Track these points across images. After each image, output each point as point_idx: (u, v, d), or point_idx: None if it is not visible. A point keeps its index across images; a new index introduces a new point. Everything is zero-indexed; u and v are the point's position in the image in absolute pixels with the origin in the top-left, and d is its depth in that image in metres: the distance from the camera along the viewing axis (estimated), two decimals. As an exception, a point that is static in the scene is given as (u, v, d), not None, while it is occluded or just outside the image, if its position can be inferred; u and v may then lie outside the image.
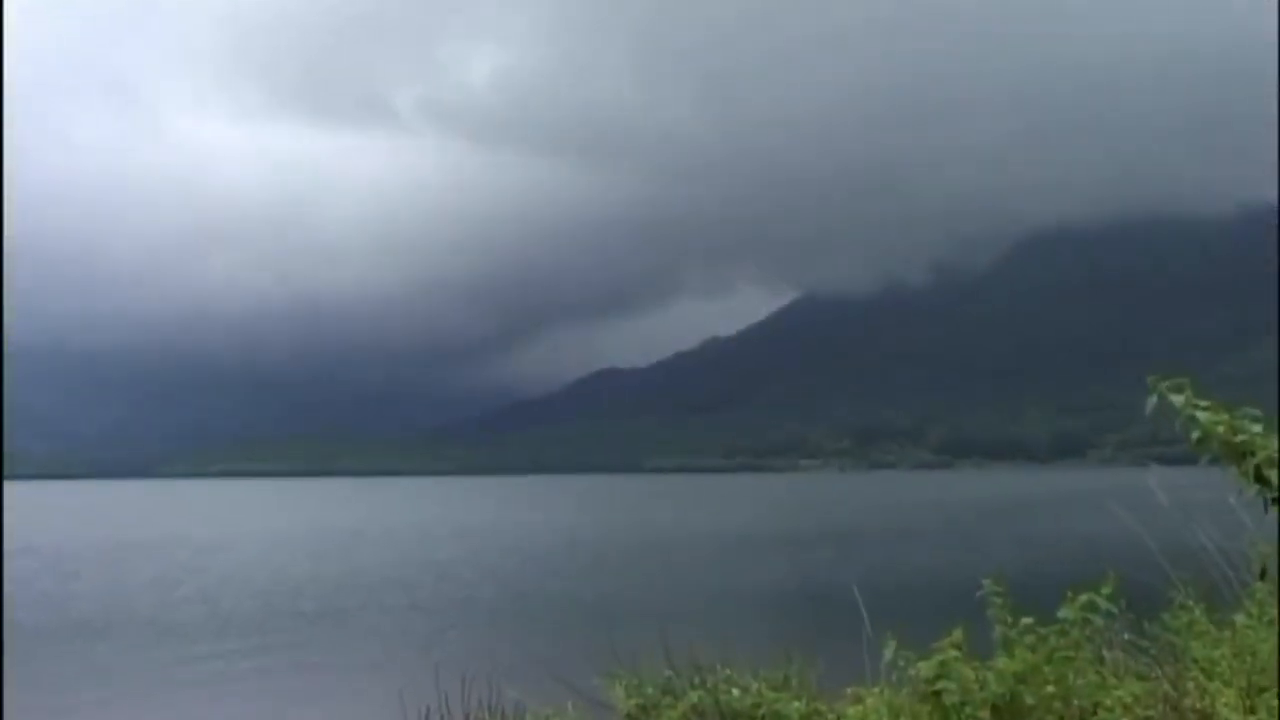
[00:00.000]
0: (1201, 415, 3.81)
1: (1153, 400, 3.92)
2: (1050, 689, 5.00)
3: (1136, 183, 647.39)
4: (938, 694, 4.94)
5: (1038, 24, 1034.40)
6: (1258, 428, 3.78)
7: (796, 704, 6.51)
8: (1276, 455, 3.72)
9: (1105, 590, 5.25)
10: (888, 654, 5.18)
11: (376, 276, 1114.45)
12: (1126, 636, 5.96)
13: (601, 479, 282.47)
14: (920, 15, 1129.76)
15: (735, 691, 6.94)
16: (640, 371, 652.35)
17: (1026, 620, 5.23)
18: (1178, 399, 3.86)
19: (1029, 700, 4.94)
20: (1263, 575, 4.95)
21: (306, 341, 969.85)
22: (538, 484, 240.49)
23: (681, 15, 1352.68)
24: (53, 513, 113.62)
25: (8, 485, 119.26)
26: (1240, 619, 5.52)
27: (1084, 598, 5.22)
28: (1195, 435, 3.82)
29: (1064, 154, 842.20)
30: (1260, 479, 3.75)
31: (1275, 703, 4.70)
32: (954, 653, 5.02)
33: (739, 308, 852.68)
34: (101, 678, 26.59)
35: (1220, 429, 3.76)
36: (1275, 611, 5.04)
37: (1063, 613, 5.21)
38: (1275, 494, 3.76)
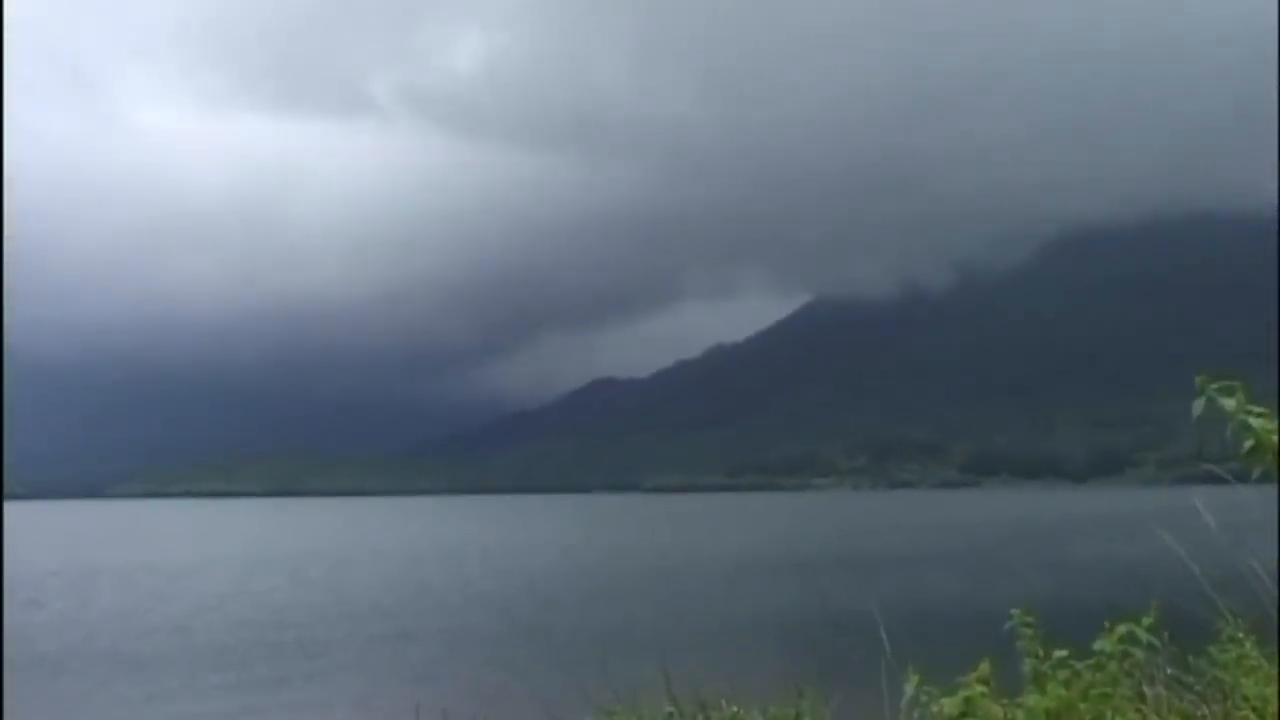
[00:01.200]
0: (1255, 422, 3.72)
1: (1200, 403, 3.82)
2: (1086, 729, 4.95)
3: (1177, 177, 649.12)
4: (963, 733, 4.90)
5: (1069, 8, 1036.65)
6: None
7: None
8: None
9: (1146, 621, 5.20)
10: (909, 689, 5.13)
11: (353, 279, 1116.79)
12: (1170, 671, 5.90)
13: (598, 499, 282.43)
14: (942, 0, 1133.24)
15: (742, 730, 6.91)
16: (639, 382, 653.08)
17: (1060, 653, 5.17)
18: (1228, 403, 3.76)
19: (1063, 741, 4.89)
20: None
21: (276, 350, 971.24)
22: (529, 504, 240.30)
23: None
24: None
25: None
26: (1295, 652, 5.47)
27: (1123, 629, 5.17)
28: (1248, 444, 3.73)
29: (1098, 147, 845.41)
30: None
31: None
32: (981, 688, 4.97)
33: (746, 313, 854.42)
34: (66, 716, 26.56)
35: (1275, 438, 3.67)
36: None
37: (1099, 645, 5.16)
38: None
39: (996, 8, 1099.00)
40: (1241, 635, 5.89)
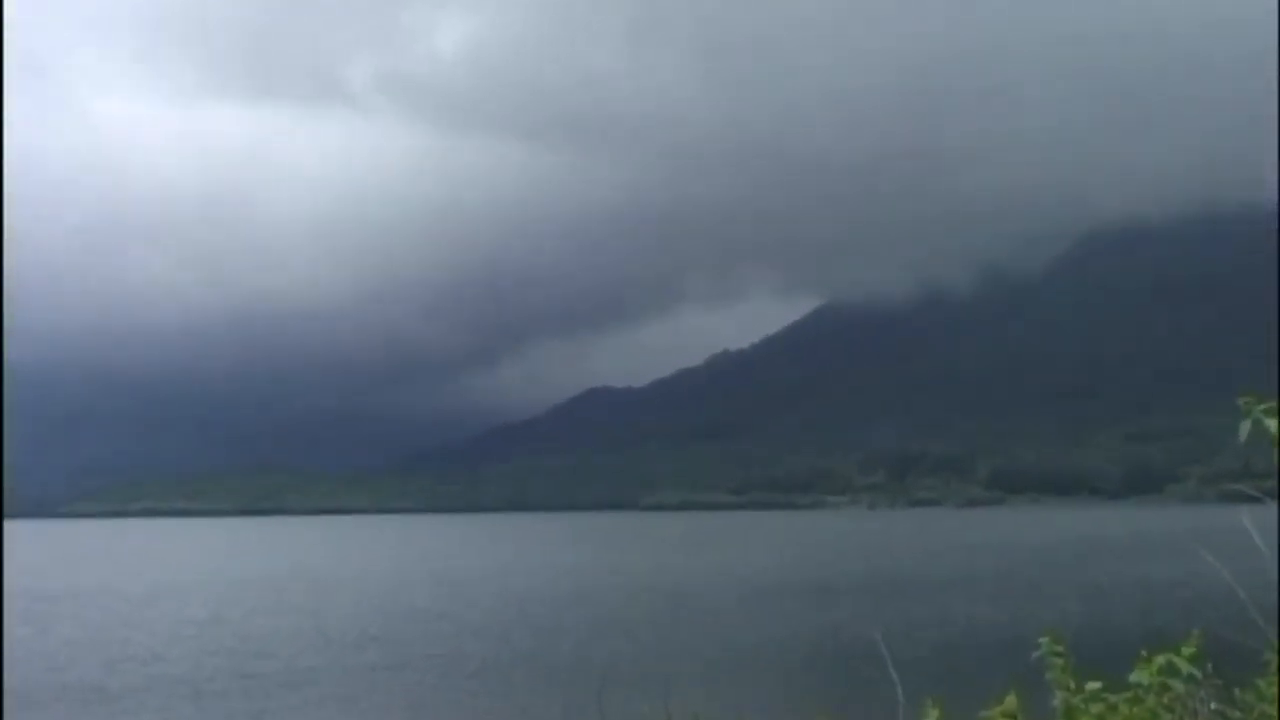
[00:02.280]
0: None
1: (1246, 425, 3.86)
2: (1122, 767, 4.94)
3: (1221, 170, 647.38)
4: (988, 772, 4.88)
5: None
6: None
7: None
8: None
9: (1187, 650, 5.19)
10: (928, 724, 5.12)
11: (330, 280, 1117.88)
12: (1213, 706, 5.86)
13: (592, 517, 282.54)
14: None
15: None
16: (638, 392, 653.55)
17: (1093, 685, 5.17)
18: (1274, 424, 3.79)
19: (1097, 780, 4.88)
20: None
21: (247, 357, 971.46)
22: (519, 523, 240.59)
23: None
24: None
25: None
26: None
27: (1162, 659, 5.16)
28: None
29: (1135, 138, 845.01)
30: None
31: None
32: (1007, 724, 4.97)
33: (752, 318, 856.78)
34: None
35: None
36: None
37: (1136, 676, 5.15)
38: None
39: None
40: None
